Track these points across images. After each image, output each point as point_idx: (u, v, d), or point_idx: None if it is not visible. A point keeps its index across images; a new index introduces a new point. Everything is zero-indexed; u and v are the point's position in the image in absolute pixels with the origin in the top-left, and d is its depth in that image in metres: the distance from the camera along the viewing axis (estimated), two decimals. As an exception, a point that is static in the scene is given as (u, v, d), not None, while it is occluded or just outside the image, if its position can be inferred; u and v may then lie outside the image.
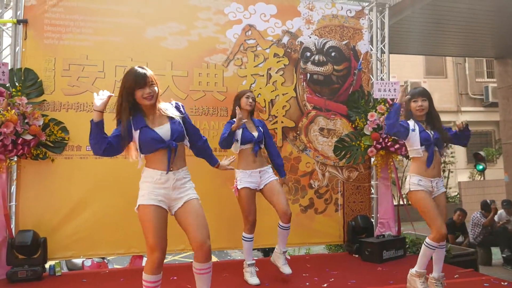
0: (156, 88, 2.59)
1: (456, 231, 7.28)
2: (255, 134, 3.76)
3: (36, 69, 4.22)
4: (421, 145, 3.36)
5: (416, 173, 3.38)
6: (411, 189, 3.37)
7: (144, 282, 2.58)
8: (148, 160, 2.63)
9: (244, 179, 3.71)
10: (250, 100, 3.82)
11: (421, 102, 3.39)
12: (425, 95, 3.44)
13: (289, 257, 3.93)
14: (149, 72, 2.59)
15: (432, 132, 3.39)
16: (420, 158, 3.38)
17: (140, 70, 2.57)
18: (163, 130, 2.60)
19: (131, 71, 2.58)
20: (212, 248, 2.66)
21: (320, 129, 5.16)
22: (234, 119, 3.65)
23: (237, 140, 3.70)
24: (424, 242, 3.35)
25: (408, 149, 3.49)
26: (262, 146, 3.85)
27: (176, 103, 2.79)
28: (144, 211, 2.54)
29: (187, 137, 2.76)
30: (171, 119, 2.66)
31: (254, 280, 3.74)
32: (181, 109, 2.77)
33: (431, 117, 3.45)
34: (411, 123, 3.42)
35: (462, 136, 3.47)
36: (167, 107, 2.71)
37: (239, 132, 3.69)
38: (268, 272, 3.95)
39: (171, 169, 2.61)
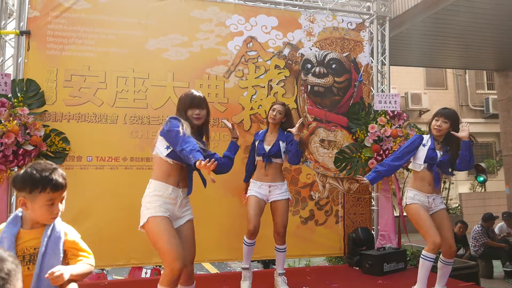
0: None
1: (457, 244, 7.21)
2: (267, 148, 3.77)
3: (38, 79, 4.23)
4: (424, 162, 3.39)
5: (413, 187, 3.47)
6: (407, 203, 3.44)
7: None
8: (161, 173, 2.62)
9: (253, 188, 3.79)
10: (274, 113, 3.81)
11: (441, 123, 3.38)
12: (448, 117, 3.38)
13: (286, 281, 3.87)
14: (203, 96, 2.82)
15: (441, 153, 3.40)
16: (419, 174, 3.43)
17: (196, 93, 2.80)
18: None
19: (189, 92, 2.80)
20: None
21: (320, 141, 5.16)
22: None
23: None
24: (421, 256, 3.31)
25: (411, 161, 3.53)
26: (277, 160, 3.78)
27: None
28: (156, 222, 2.50)
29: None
30: None
31: (244, 285, 3.78)
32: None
33: (450, 140, 3.40)
34: (426, 137, 3.48)
35: (463, 159, 3.34)
36: None
37: (256, 144, 3.85)
38: (267, 284, 3.93)
39: (179, 185, 2.66)
